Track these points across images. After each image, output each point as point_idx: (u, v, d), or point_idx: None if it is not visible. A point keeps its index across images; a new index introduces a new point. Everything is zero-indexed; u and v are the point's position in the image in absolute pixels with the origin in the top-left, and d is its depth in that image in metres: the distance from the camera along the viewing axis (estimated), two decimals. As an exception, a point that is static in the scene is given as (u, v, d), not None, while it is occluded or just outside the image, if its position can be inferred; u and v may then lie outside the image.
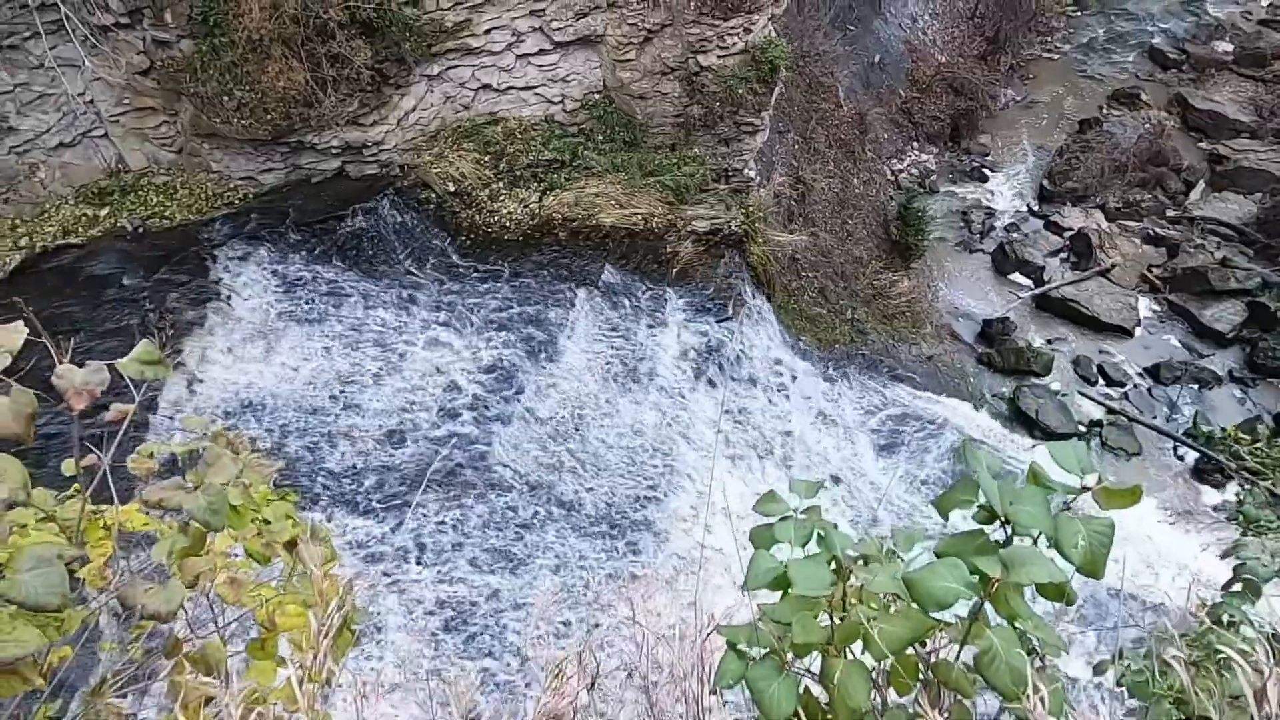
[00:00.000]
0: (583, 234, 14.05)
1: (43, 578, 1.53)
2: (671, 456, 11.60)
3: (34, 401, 1.64)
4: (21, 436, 1.64)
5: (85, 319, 12.22)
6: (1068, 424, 18.49)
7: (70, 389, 1.71)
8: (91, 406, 1.77)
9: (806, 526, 1.74)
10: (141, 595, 1.74)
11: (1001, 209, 24.59)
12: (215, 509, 1.81)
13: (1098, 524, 1.48)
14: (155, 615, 1.72)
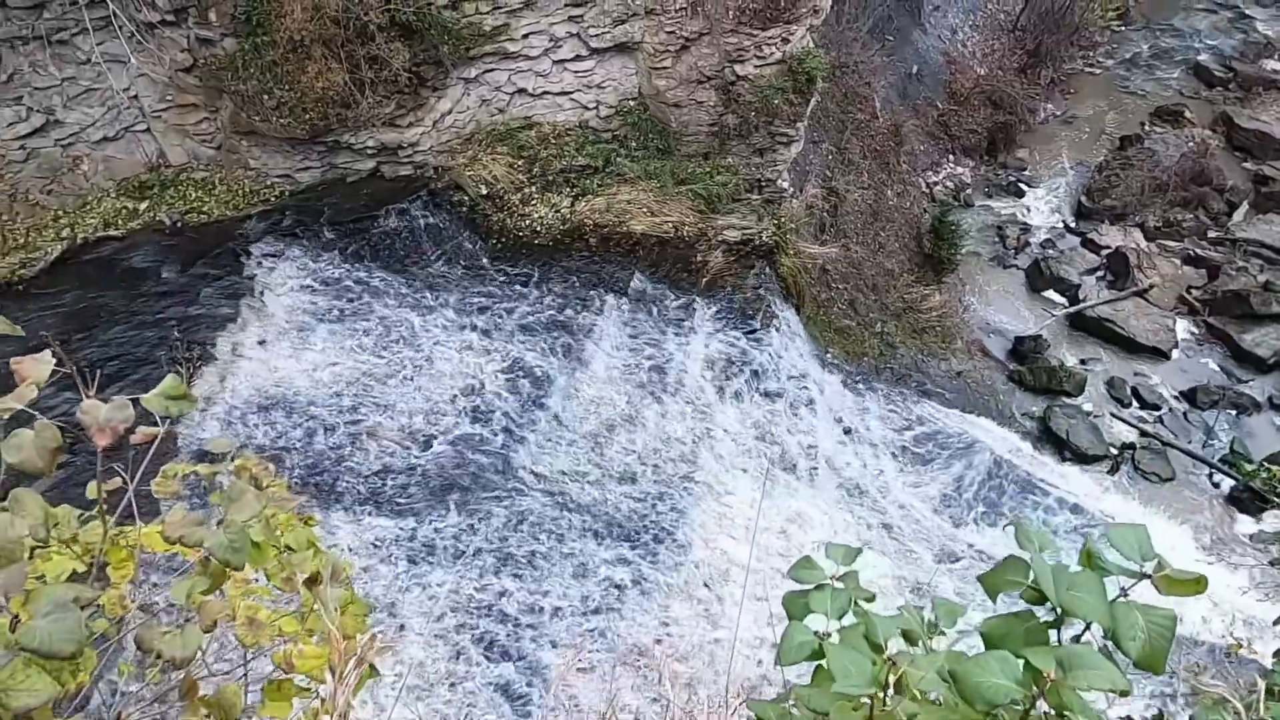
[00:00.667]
0: (613, 240, 14.05)
1: (59, 624, 1.50)
2: (695, 467, 11.56)
3: (58, 436, 1.64)
4: (44, 471, 1.63)
5: (123, 310, 12.43)
6: (1098, 446, 18.17)
7: (94, 425, 1.69)
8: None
9: (844, 597, 1.68)
10: (158, 638, 1.72)
11: (1037, 225, 24.27)
12: (237, 547, 1.79)
13: (1158, 615, 1.41)
14: (171, 661, 1.71)
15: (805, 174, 17.29)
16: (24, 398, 1.64)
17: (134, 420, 1.68)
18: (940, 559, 11.83)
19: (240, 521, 1.81)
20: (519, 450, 11.18)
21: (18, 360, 1.69)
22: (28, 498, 1.65)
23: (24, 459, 1.61)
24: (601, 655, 9.62)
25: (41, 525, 1.62)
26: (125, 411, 1.68)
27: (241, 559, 1.79)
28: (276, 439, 11.10)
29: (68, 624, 1.48)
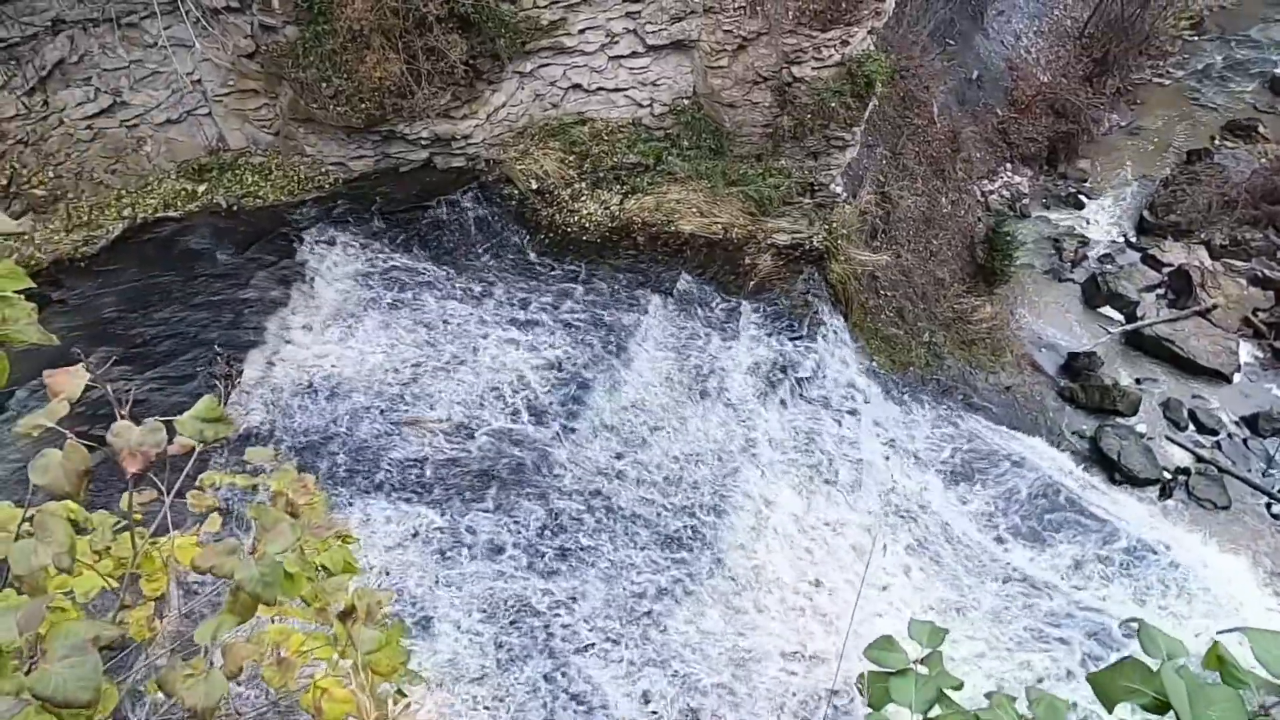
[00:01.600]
0: (661, 240, 13.95)
1: (75, 669, 1.41)
2: (735, 473, 11.42)
3: (88, 458, 1.58)
4: (72, 495, 1.57)
5: (179, 291, 12.67)
6: (1151, 469, 17.60)
7: (125, 450, 1.62)
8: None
9: (930, 687, 1.54)
10: (180, 684, 1.65)
11: (1096, 238, 23.60)
12: (268, 581, 1.71)
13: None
14: (193, 710, 1.64)
15: (859, 179, 17.00)
16: (56, 414, 1.59)
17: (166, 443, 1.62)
18: (983, 579, 11.54)
19: (273, 553, 1.74)
20: (558, 447, 11.15)
21: (50, 373, 1.63)
22: (53, 522, 1.59)
23: (51, 481, 1.55)
24: (632, 656, 9.56)
25: (66, 554, 1.56)
26: (157, 436, 1.62)
27: (273, 594, 1.72)
28: (320, 424, 11.22)
29: (85, 670, 1.39)
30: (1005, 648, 11.01)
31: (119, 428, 1.60)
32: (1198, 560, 13.29)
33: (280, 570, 1.75)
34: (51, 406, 1.58)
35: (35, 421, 1.59)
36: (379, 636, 1.93)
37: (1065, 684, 10.72)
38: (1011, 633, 11.23)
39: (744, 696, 9.61)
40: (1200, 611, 12.06)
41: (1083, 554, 12.73)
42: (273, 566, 1.73)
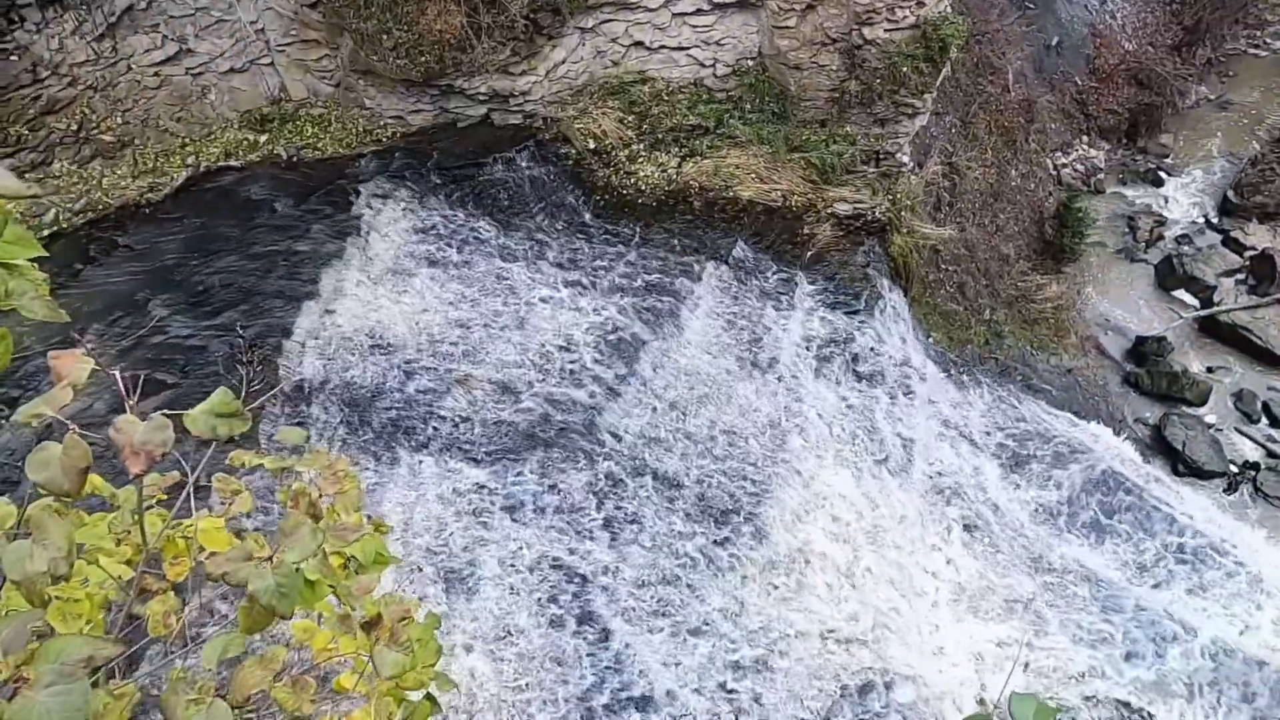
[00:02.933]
0: (718, 205, 13.64)
1: (60, 699, 1.28)
2: (783, 448, 11.23)
3: (88, 454, 1.45)
4: (72, 493, 1.45)
5: (238, 240, 12.82)
6: (1218, 462, 16.92)
7: (128, 447, 1.50)
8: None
9: None
10: (182, 714, 1.53)
11: (1174, 218, 22.52)
12: (285, 592, 1.59)
13: None
14: None
15: (926, 148, 16.39)
16: (58, 402, 1.47)
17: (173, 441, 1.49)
18: (1033, 569, 11.23)
19: (291, 561, 1.61)
20: (605, 413, 11.08)
21: (55, 355, 1.51)
22: (52, 524, 1.47)
23: (49, 479, 1.42)
24: (671, 625, 9.53)
25: (65, 559, 1.45)
26: (163, 434, 1.49)
27: (290, 606, 1.60)
28: (372, 379, 11.30)
29: (72, 700, 1.25)
30: (1051, 641, 10.73)
31: (123, 422, 1.47)
32: (1266, 562, 12.74)
33: (299, 580, 1.63)
34: (54, 393, 1.47)
35: (35, 410, 1.48)
36: (402, 660, 1.82)
37: (1106, 681, 10.43)
38: (1058, 625, 10.93)
39: (780, 673, 9.53)
40: (1271, 618, 11.59)
41: (1140, 548, 12.30)
42: (290, 576, 1.61)
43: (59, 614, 1.47)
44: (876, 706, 9.37)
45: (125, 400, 1.52)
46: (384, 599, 1.97)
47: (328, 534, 1.79)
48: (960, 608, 10.64)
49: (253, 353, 10.36)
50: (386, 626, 1.84)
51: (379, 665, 1.79)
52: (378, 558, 2.03)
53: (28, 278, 1.54)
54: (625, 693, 8.88)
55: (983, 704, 9.94)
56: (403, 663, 1.80)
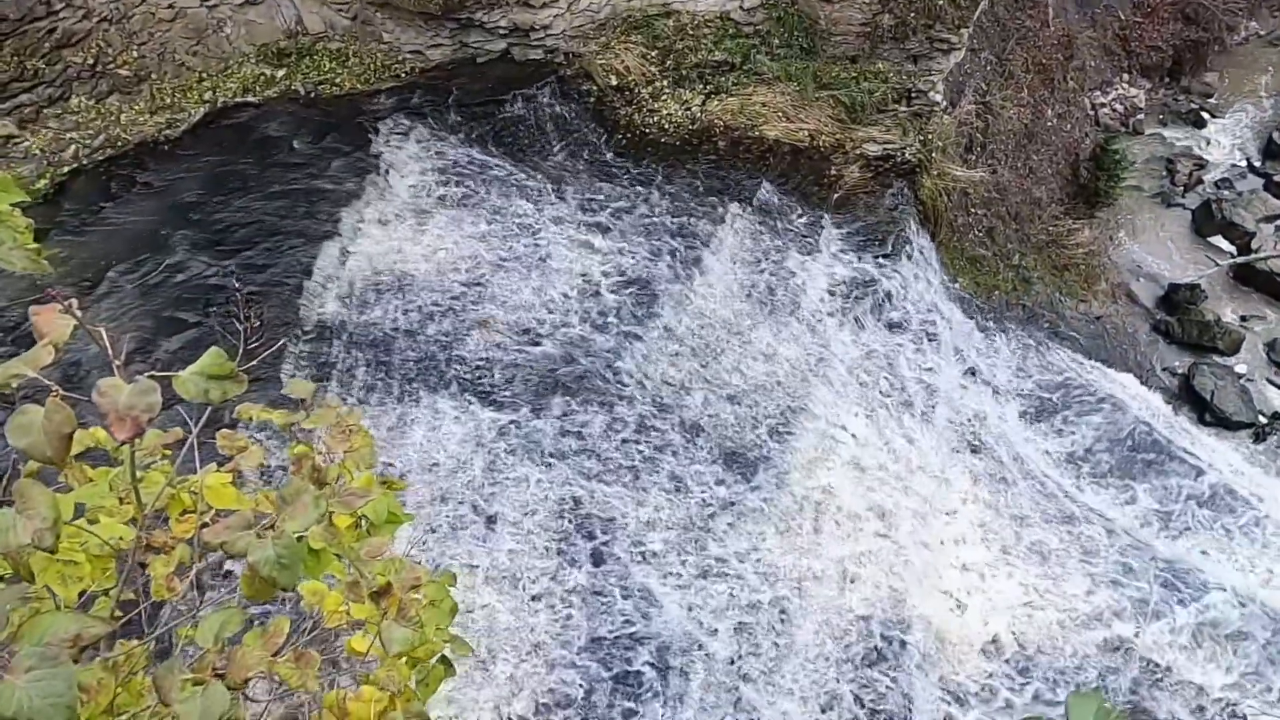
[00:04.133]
0: (743, 145, 13.31)
1: (43, 684, 1.19)
2: (805, 394, 11.14)
3: (72, 420, 1.35)
4: (55, 461, 1.35)
5: (255, 178, 12.71)
6: (1246, 412, 16.65)
7: (112, 412, 1.38)
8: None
9: None
10: (176, 694, 1.46)
11: (1215, 161, 21.77)
12: (286, 563, 1.50)
13: None
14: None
15: (960, 86, 15.85)
16: (39, 362, 1.37)
17: (161, 405, 1.39)
18: (1055, 517, 11.18)
19: (293, 531, 1.53)
20: (626, 357, 11.01)
21: (36, 310, 1.41)
22: (35, 491, 1.38)
23: (32, 445, 1.33)
24: (688, 567, 9.61)
25: (50, 530, 1.37)
26: (150, 398, 1.39)
27: (292, 578, 1.52)
28: (391, 319, 11.28)
29: (55, 686, 1.17)
30: (1070, 589, 10.72)
31: (107, 385, 1.37)
32: (1289, 513, 12.61)
33: (301, 550, 1.56)
34: (34, 352, 1.38)
35: (12, 371, 1.38)
36: (411, 636, 1.75)
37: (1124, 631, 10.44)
38: (1077, 574, 10.91)
39: (797, 616, 9.61)
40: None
41: (1164, 499, 12.19)
42: (291, 547, 1.54)
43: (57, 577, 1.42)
44: (892, 650, 9.45)
45: (112, 359, 1.42)
46: (394, 563, 1.90)
47: (333, 500, 1.71)
48: (980, 555, 10.63)
49: (249, 307, 9.98)
50: (395, 598, 1.78)
51: (386, 641, 1.73)
52: (390, 517, 1.96)
53: (7, 224, 1.44)
54: (643, 632, 9.00)
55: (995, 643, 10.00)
56: (411, 639, 1.74)
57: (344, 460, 2.00)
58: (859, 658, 9.39)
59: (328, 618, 1.93)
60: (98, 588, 1.70)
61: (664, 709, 8.62)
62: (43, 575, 1.58)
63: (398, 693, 1.70)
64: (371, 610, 1.77)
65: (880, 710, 9.27)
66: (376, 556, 1.86)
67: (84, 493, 1.83)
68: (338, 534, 1.73)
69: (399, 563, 1.92)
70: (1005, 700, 9.66)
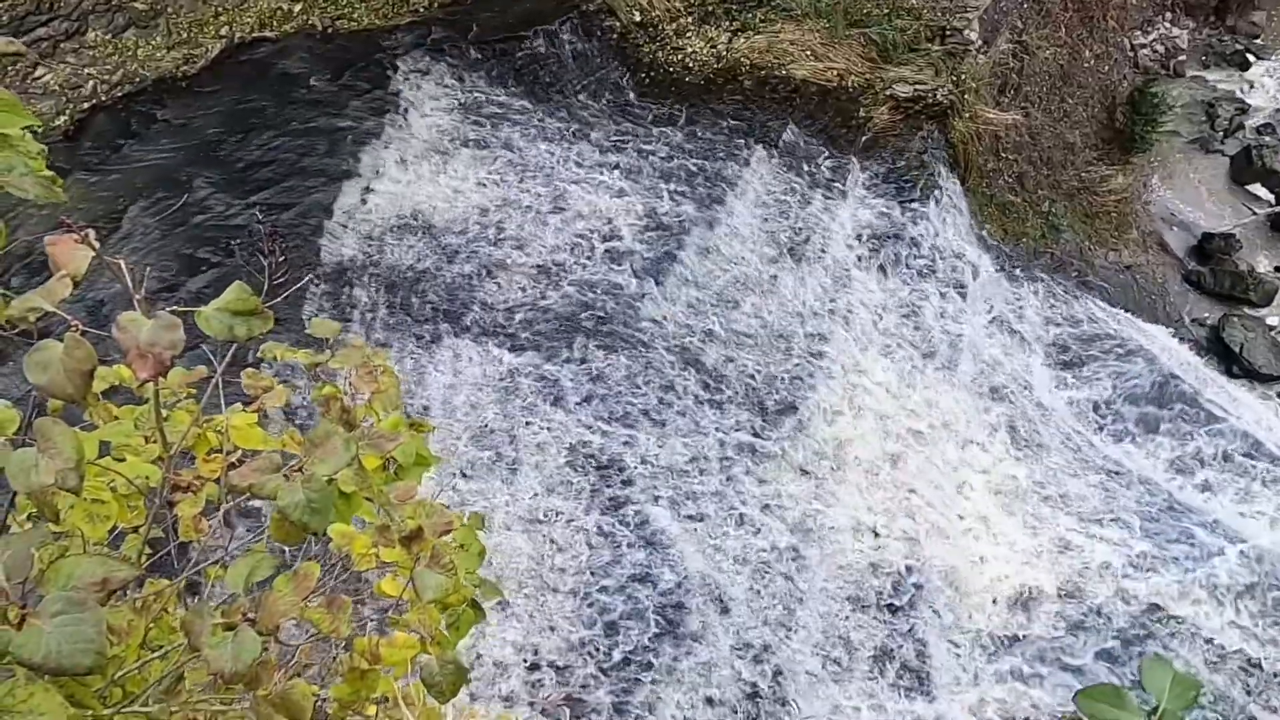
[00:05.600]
0: (769, 85, 12.96)
1: (71, 629, 1.16)
2: (827, 341, 11.04)
3: (92, 355, 1.29)
4: (75, 399, 1.30)
5: (275, 116, 12.56)
6: (1275, 365, 16.40)
7: (133, 349, 1.31)
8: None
9: None
10: (206, 640, 1.44)
11: (1258, 105, 21.03)
12: (317, 508, 1.46)
13: None
14: (220, 674, 1.43)
15: (996, 25, 15.29)
16: (56, 296, 1.32)
17: (184, 343, 1.33)
18: (1079, 470, 11.11)
19: (323, 474, 1.49)
20: (647, 301, 10.93)
21: (51, 241, 1.34)
22: (56, 430, 1.33)
23: (51, 381, 1.27)
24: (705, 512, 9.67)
25: (74, 470, 1.32)
26: (172, 334, 1.32)
27: (323, 522, 1.48)
28: (412, 261, 11.24)
29: (83, 631, 1.14)
30: (1091, 540, 10.70)
31: (126, 320, 1.30)
32: (1316, 467, 12.45)
33: (332, 494, 1.52)
34: (51, 285, 1.32)
35: (30, 304, 1.32)
36: (445, 582, 1.72)
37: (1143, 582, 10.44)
38: (1099, 525, 10.88)
39: (813, 562, 9.67)
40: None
41: (1190, 452, 12.06)
42: (322, 491, 1.49)
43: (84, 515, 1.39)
44: (909, 599, 9.51)
45: (131, 293, 1.36)
46: (425, 506, 1.87)
47: (363, 442, 1.68)
48: (1000, 505, 10.61)
49: (274, 243, 9.84)
50: (428, 543, 1.75)
51: (420, 588, 1.70)
52: (418, 459, 1.93)
53: (19, 149, 1.38)
54: (661, 575, 9.10)
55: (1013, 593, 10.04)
56: (445, 585, 1.71)
57: (370, 401, 1.96)
58: (875, 605, 9.46)
59: (357, 561, 1.91)
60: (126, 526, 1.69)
61: (680, 650, 8.76)
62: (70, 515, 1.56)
63: (429, 637, 1.69)
64: (401, 554, 1.75)
65: (895, 657, 9.37)
66: (406, 500, 1.83)
67: (108, 431, 1.80)
68: (368, 477, 1.70)
69: (429, 506, 1.89)
70: (1021, 651, 9.73)
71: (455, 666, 1.64)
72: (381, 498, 1.75)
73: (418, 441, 1.94)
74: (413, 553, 1.73)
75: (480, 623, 1.85)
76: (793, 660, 8.98)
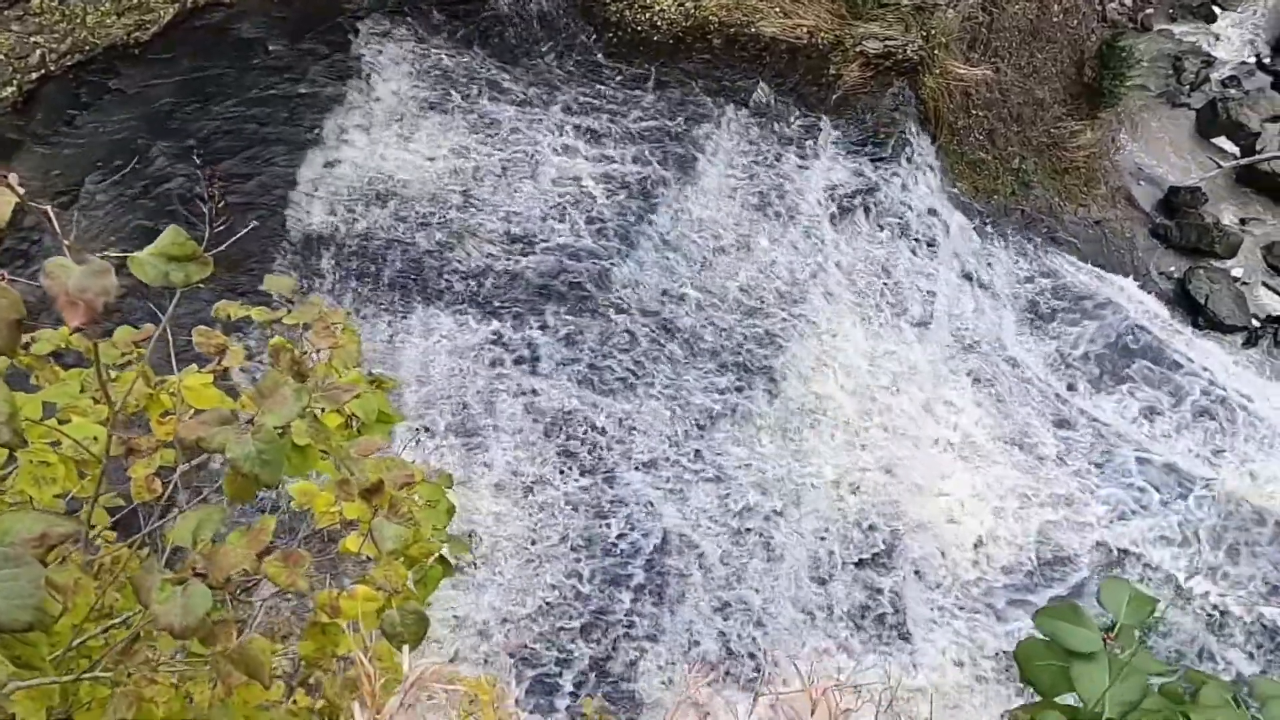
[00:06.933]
0: (739, 43, 12.80)
1: (8, 585, 1.12)
2: (802, 301, 11.05)
3: (19, 304, 1.22)
4: (4, 350, 1.23)
5: (232, 83, 12.23)
6: (1239, 316, 16.66)
7: (62, 296, 1.24)
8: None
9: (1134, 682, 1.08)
10: (155, 596, 1.40)
11: (1223, 58, 21.14)
12: (268, 459, 1.42)
13: None
14: (169, 629, 1.38)
15: (966, -22, 15.19)
16: None
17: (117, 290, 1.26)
18: (1049, 421, 11.28)
19: (273, 425, 1.43)
20: (620, 266, 10.86)
21: None
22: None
23: None
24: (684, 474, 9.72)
25: (6, 424, 1.26)
26: (104, 280, 1.25)
27: (274, 474, 1.43)
28: (380, 230, 11.07)
29: (20, 587, 1.09)
30: (1061, 490, 10.90)
31: (54, 266, 1.23)
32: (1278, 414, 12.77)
33: (284, 445, 1.47)
34: None
35: None
36: (404, 532, 1.68)
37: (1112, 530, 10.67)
38: (1069, 475, 11.07)
39: (792, 519, 9.77)
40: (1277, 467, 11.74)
41: (1158, 402, 12.30)
42: (272, 442, 1.44)
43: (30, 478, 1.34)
44: (885, 553, 9.65)
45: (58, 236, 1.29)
46: (386, 462, 1.83)
47: (317, 394, 1.62)
48: (973, 459, 10.76)
49: (215, 184, 9.33)
50: (387, 495, 1.70)
51: (378, 538, 1.66)
52: (381, 416, 1.88)
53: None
54: (640, 536, 9.15)
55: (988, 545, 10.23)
56: (404, 535, 1.67)
57: (331, 359, 1.90)
58: (853, 561, 9.59)
59: (319, 518, 1.87)
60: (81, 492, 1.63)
61: (660, 610, 8.84)
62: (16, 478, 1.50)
63: (395, 592, 1.65)
64: (363, 509, 1.71)
65: (873, 612, 9.53)
66: (368, 454, 1.78)
67: (53, 392, 1.73)
68: (324, 430, 1.65)
69: (391, 461, 1.85)
70: (996, 600, 9.93)
71: (417, 616, 1.61)
72: (341, 452, 1.71)
73: (380, 398, 1.89)
74: (372, 505, 1.69)
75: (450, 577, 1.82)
76: (771, 614, 9.11)
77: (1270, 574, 10.89)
